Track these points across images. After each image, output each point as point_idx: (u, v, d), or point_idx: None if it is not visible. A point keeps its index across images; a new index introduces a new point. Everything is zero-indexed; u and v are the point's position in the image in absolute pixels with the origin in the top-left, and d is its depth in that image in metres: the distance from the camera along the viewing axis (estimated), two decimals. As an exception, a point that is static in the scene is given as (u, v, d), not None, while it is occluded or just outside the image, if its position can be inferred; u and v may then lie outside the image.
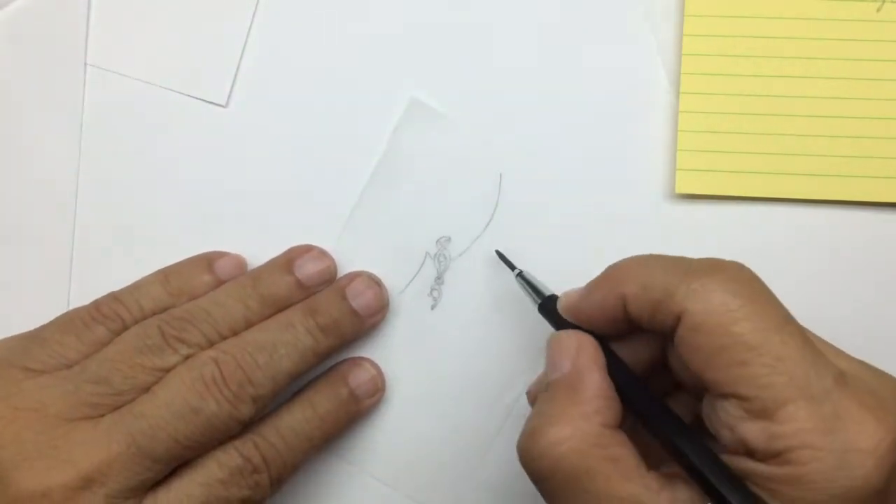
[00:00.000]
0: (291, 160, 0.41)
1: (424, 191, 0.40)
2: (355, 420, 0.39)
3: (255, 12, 0.41)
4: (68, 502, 0.31)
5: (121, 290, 0.38)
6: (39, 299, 0.41)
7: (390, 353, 0.40)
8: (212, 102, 0.41)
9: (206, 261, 0.39)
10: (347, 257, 0.40)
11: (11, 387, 0.34)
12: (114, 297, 0.37)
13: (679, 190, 0.39)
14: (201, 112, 0.41)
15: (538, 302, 0.36)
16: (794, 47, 0.39)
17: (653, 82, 0.40)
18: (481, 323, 0.40)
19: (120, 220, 0.41)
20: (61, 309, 0.38)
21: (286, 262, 0.38)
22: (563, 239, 0.40)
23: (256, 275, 0.38)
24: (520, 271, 0.38)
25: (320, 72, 0.41)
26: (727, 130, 0.39)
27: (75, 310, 0.37)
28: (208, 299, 0.37)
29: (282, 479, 0.36)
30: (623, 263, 0.31)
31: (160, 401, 0.33)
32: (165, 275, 0.38)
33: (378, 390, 0.40)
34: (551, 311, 0.34)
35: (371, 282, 0.39)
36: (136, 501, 0.33)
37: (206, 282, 0.38)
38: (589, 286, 0.32)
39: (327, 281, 0.39)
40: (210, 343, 0.35)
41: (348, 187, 0.41)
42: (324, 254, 0.39)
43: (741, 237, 0.40)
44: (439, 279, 0.40)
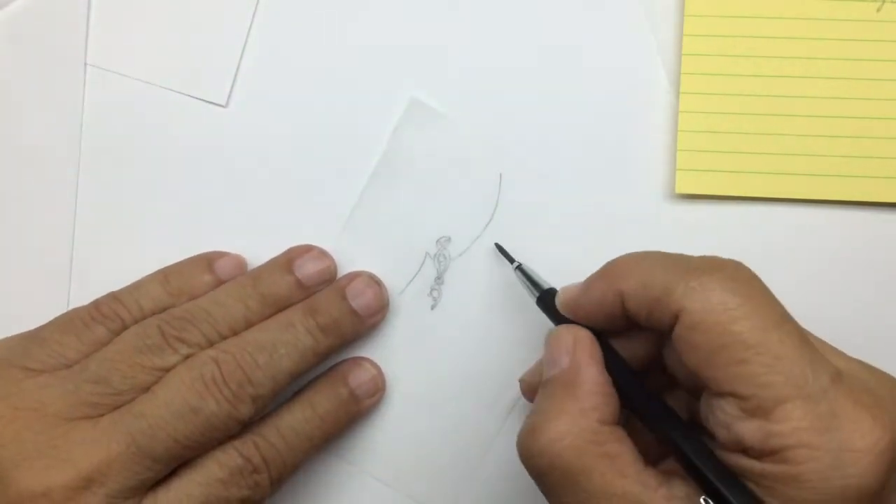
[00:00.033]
0: (291, 160, 0.41)
1: (424, 191, 0.40)
2: (355, 420, 0.39)
3: (255, 12, 0.41)
4: (68, 502, 0.31)
5: (120, 289, 0.38)
6: (39, 299, 0.41)
7: (390, 353, 0.40)
8: (212, 102, 0.41)
9: (206, 261, 0.39)
10: (347, 257, 0.40)
11: (11, 386, 0.34)
12: (114, 297, 0.37)
13: (679, 190, 0.39)
14: (201, 112, 0.41)
15: (536, 295, 0.36)
16: (794, 47, 0.39)
17: (653, 82, 0.40)
18: (481, 323, 0.40)
19: (120, 220, 0.41)
20: (61, 309, 0.38)
21: (286, 261, 0.38)
22: (563, 239, 0.40)
23: (256, 275, 0.38)
24: (519, 264, 0.38)
25: (320, 72, 0.41)
26: (727, 130, 0.39)
27: (75, 310, 0.37)
28: (208, 299, 0.37)
29: (282, 479, 0.36)
30: (622, 260, 0.31)
31: (160, 400, 0.33)
32: (165, 275, 0.38)
33: (378, 390, 0.40)
34: (549, 304, 0.34)
35: (371, 282, 0.39)
36: (136, 501, 0.33)
37: (206, 282, 0.38)
38: (587, 282, 0.32)
39: (327, 281, 0.39)
40: (210, 343, 0.35)
41: (348, 187, 0.41)
42: (324, 254, 0.39)
43: (741, 237, 0.40)
44: (439, 279, 0.40)
